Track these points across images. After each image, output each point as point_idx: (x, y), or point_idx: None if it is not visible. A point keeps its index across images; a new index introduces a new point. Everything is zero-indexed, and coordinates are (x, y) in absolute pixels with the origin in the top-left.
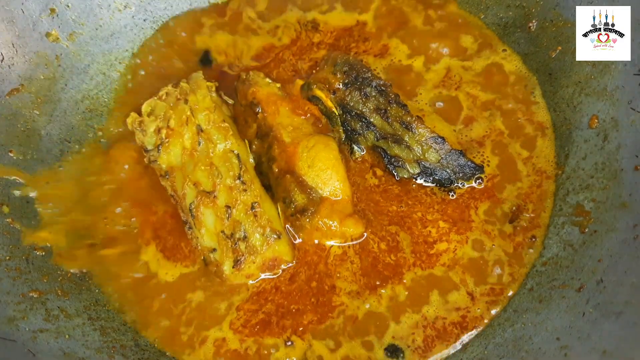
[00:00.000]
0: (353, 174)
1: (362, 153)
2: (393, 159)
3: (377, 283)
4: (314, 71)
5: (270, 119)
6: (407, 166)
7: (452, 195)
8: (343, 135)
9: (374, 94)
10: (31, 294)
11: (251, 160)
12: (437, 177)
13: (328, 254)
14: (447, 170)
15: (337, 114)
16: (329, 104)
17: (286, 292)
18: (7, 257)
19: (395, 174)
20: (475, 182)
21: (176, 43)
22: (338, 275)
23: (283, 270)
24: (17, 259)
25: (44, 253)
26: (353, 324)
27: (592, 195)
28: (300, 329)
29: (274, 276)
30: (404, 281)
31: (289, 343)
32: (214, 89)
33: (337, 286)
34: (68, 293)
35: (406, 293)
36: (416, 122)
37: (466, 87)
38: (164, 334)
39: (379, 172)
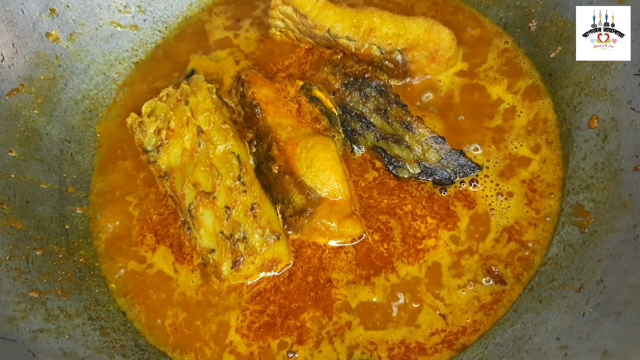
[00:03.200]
0: (353, 174)
1: (362, 153)
2: (393, 159)
3: (371, 272)
4: (313, 72)
5: (269, 119)
6: (408, 166)
7: (444, 192)
8: (343, 136)
9: (373, 94)
10: (31, 294)
11: (251, 161)
12: (437, 177)
13: (324, 249)
14: (448, 170)
15: (337, 114)
16: (329, 104)
17: (286, 291)
18: (7, 257)
19: (396, 174)
20: (471, 185)
21: (178, 43)
22: (333, 267)
23: (282, 271)
24: (17, 259)
25: (43, 253)
26: (352, 319)
27: (592, 195)
28: (302, 334)
29: (273, 274)
30: (397, 269)
31: (291, 354)
32: (214, 90)
33: (333, 278)
34: (68, 293)
35: (398, 282)
36: (416, 122)
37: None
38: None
39: (378, 164)
